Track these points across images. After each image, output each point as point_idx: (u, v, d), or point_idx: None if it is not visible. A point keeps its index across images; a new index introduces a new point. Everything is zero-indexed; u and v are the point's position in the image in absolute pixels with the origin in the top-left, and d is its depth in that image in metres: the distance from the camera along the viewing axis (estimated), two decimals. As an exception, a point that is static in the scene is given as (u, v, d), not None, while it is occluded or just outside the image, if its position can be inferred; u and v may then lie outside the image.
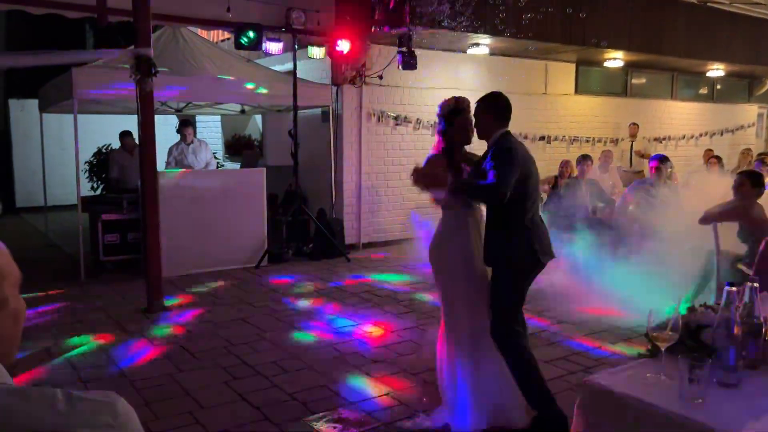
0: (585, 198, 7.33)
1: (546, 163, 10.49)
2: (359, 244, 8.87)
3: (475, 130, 3.51)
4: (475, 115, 3.49)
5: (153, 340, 4.97)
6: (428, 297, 6.28)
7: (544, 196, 8.06)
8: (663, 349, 2.09)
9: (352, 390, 3.99)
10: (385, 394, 3.94)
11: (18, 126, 12.73)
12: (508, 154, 3.25)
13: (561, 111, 11.13)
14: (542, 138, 10.83)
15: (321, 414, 3.64)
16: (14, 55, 4.99)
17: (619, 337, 5.05)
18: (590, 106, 11.53)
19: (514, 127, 3.42)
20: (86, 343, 4.89)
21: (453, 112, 3.51)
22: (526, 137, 10.56)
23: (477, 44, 8.97)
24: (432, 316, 5.62)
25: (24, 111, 12.44)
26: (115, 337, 5.04)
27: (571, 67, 11.19)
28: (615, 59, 10.83)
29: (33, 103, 9.71)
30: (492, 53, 9.60)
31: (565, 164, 8.24)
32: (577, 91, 11.33)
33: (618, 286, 5.52)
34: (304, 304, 6.07)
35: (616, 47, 10.00)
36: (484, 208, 3.50)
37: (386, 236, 9.16)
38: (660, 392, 1.97)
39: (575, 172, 7.87)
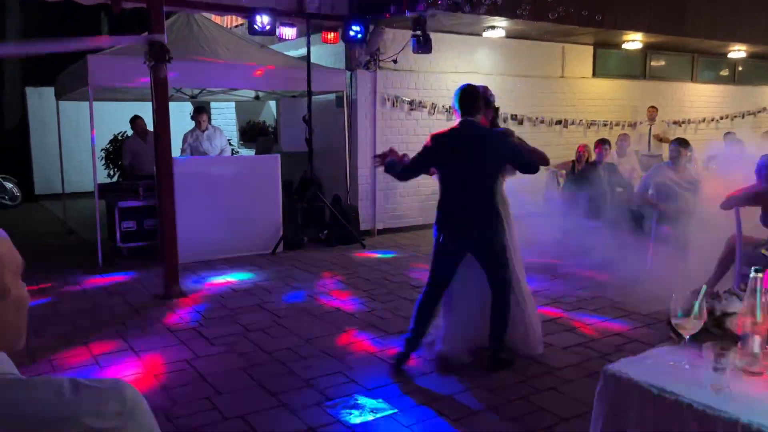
0: (603, 183, 7.23)
1: (562, 147, 10.39)
2: (374, 230, 8.85)
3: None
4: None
5: (170, 327, 5.00)
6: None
7: (560, 180, 7.98)
8: (686, 337, 2.04)
9: (369, 376, 3.98)
10: (403, 381, 3.93)
11: (35, 114, 12.82)
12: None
13: (578, 94, 10.97)
14: (559, 122, 10.69)
15: (338, 400, 3.64)
16: (26, 43, 4.97)
17: (641, 322, 5.00)
18: (608, 89, 11.35)
19: (532, 110, 3.66)
20: (103, 329, 4.93)
21: None
22: (542, 121, 10.46)
23: (493, 27, 8.83)
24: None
25: (41, 99, 12.51)
26: (132, 323, 5.08)
27: (589, 50, 11.00)
28: (634, 41, 10.62)
29: (50, 91, 9.76)
30: (508, 36, 9.45)
31: (582, 148, 8.13)
32: (594, 74, 11.15)
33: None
34: (319, 289, 6.07)
35: (636, 29, 9.81)
36: None
37: (401, 222, 9.13)
38: (683, 381, 1.93)
39: (592, 157, 7.76)
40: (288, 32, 7.57)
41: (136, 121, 8.39)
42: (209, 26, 8.47)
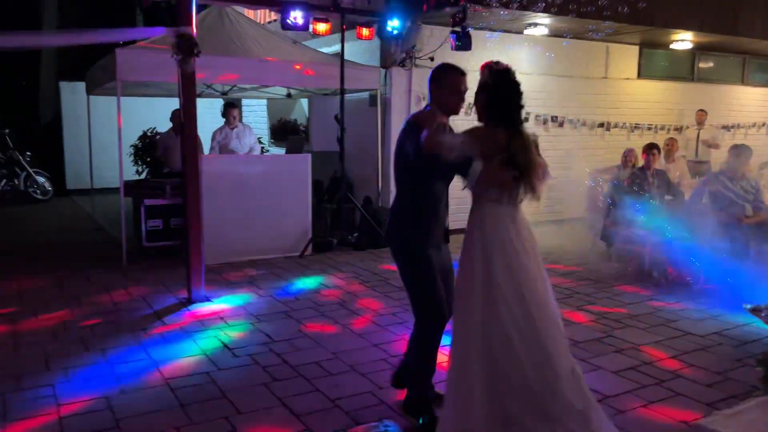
0: (652, 189, 6.79)
1: (605, 151, 9.95)
2: (406, 234, 8.52)
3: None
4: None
5: (192, 335, 4.75)
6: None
7: (605, 186, 7.55)
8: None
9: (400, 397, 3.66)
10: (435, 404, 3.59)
11: (69, 108, 12.80)
12: None
13: (622, 96, 10.49)
14: (601, 125, 10.24)
15: (366, 425, 3.33)
16: (42, 35, 4.77)
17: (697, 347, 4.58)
18: (654, 91, 10.83)
19: (573, 112, 3.06)
20: (122, 335, 4.71)
21: None
22: (584, 123, 10.02)
23: (535, 24, 8.44)
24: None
25: (75, 94, 12.47)
26: (153, 329, 4.85)
27: (634, 50, 10.51)
28: (683, 41, 10.11)
29: (83, 86, 9.67)
30: (550, 34, 9.04)
31: (628, 153, 7.70)
32: (640, 75, 10.65)
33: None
34: (348, 297, 5.77)
35: (686, 27, 9.30)
36: None
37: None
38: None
39: (639, 162, 7.32)
40: (321, 28, 7.28)
41: (175, 113, 8.21)
42: (241, 21, 8.26)
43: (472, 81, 9.67)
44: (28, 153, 12.26)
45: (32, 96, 15.13)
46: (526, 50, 9.30)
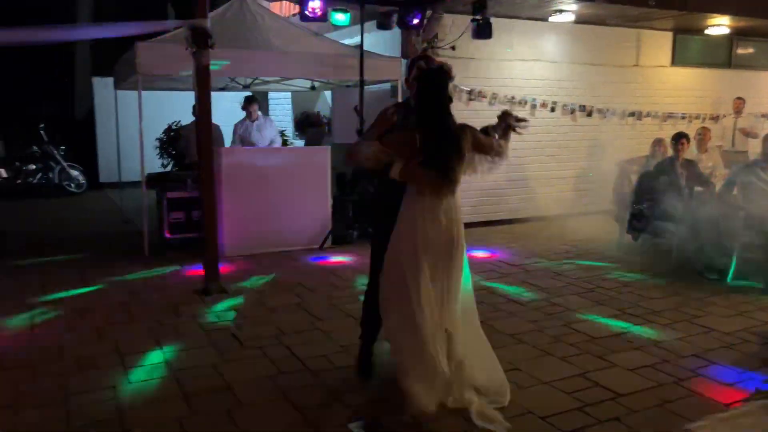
0: (680, 180, 6.55)
1: (636, 141, 9.64)
2: (428, 226, 8.42)
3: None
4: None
5: (203, 325, 4.77)
6: (502, 286, 5.79)
7: (633, 177, 7.31)
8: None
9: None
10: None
11: (101, 103, 13.04)
12: None
13: (655, 84, 10.16)
14: (632, 114, 9.93)
15: (365, 420, 3.27)
16: (47, 30, 4.81)
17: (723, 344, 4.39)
18: (688, 79, 10.46)
19: (602, 101, 2.98)
20: (137, 325, 4.75)
21: None
22: (613, 113, 9.73)
23: (560, 11, 8.21)
24: (499, 308, 5.15)
25: (106, 88, 12.69)
26: (166, 320, 4.88)
27: (668, 36, 10.16)
28: (719, 26, 9.71)
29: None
30: (577, 21, 8.79)
31: (657, 143, 7.46)
32: (673, 63, 10.30)
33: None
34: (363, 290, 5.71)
35: (723, 11, 8.94)
36: None
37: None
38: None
39: (669, 152, 7.07)
40: (341, 18, 7.22)
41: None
42: (263, 14, 8.24)
43: (492, 70, 9.47)
44: (63, 147, 12.56)
45: (67, 91, 15.49)
46: (552, 38, 9.08)
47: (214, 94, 10.35)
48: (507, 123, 3.52)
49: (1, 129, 8.64)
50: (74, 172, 12.47)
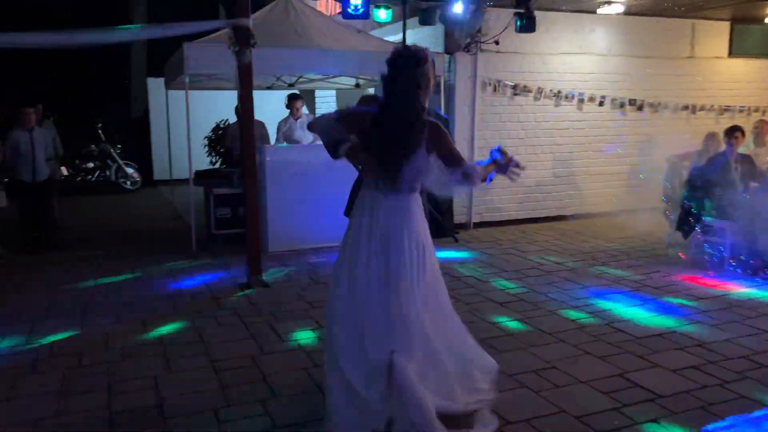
0: (734, 176, 6.28)
1: (689, 135, 9.28)
2: (470, 223, 8.36)
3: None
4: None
5: (244, 318, 4.87)
6: (544, 282, 5.70)
7: (684, 173, 7.06)
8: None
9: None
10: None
11: (156, 103, 13.47)
12: None
13: (710, 76, 9.77)
14: (686, 107, 9.58)
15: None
16: (96, 32, 4.99)
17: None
18: (746, 71, 10.02)
19: (653, 95, 2.72)
20: (180, 316, 4.90)
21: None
22: (665, 107, 9.42)
23: (609, 2, 7.99)
24: (540, 306, 5.06)
25: (160, 89, 13.12)
26: (208, 312, 5.01)
27: (725, 26, 9.75)
28: (780, 14, 9.27)
29: (165, 81, 10.12)
30: (627, 12, 8.54)
31: (710, 137, 7.17)
32: (731, 54, 9.88)
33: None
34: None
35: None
36: None
37: (500, 216, 8.57)
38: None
39: (722, 146, 6.79)
40: (383, 14, 7.23)
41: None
42: (307, 12, 8.33)
43: (537, 64, 9.32)
44: (119, 146, 13.05)
45: (124, 91, 16.08)
46: (601, 30, 8.85)
47: (262, 93, 10.57)
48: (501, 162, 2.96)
49: (61, 128, 9.11)
50: (130, 170, 12.94)
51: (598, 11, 8.32)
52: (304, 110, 8.49)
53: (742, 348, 4.17)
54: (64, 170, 12.36)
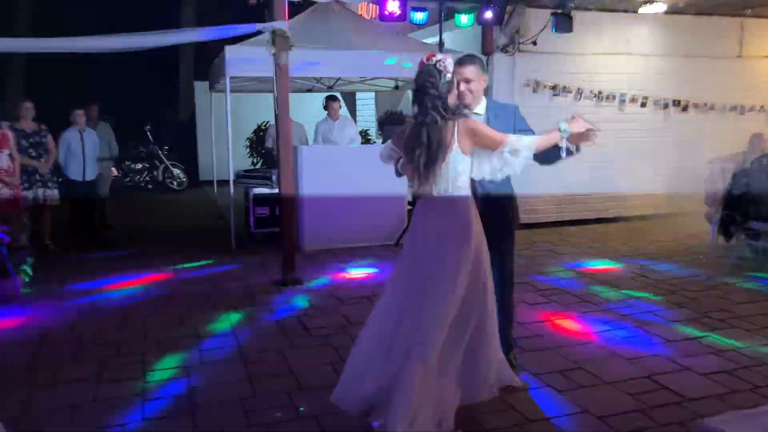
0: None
1: (739, 136, 9.00)
2: (506, 224, 8.31)
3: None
4: (467, 78, 3.35)
5: (277, 314, 5.00)
6: (582, 284, 5.64)
7: (728, 175, 6.86)
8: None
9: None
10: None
11: (201, 106, 13.87)
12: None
13: (761, 76, 9.46)
14: (733, 108, 9.29)
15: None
16: (131, 36, 5.19)
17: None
18: (798, 70, 9.65)
19: (699, 95, 2.67)
20: (216, 311, 5.06)
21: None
22: (713, 107, 9.16)
23: (651, 1, 7.83)
24: (571, 307, 5.01)
25: (206, 92, 13.52)
26: (243, 308, 5.15)
27: (776, 24, 9.43)
28: (836, 10, 8.90)
29: (210, 84, 10.40)
30: (670, 11, 8.35)
31: (755, 138, 6.96)
32: (782, 53, 9.54)
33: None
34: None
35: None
36: None
37: (538, 218, 8.48)
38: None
39: (768, 148, 6.59)
40: (419, 16, 7.29)
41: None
42: (347, 15, 8.47)
43: (578, 64, 9.15)
44: (166, 147, 13.48)
45: (172, 94, 16.57)
46: (643, 30, 8.68)
47: (303, 95, 10.76)
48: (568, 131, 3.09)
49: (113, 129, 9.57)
50: (176, 171, 13.35)
51: (640, 10, 8.17)
52: (343, 111, 8.62)
53: (780, 354, 4.05)
54: (114, 171, 12.90)
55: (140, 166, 13.20)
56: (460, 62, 3.34)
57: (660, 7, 8.02)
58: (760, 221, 6.03)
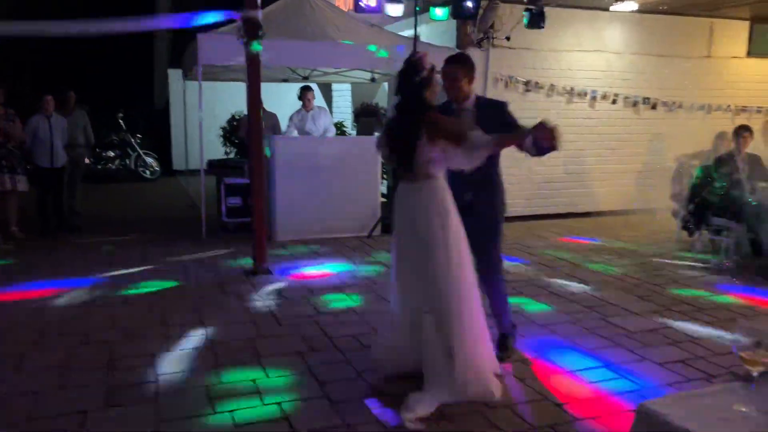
0: (741, 175, 6.25)
1: (706, 135, 9.22)
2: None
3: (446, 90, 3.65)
4: (453, 77, 3.59)
5: (246, 303, 5.01)
6: (545, 278, 5.74)
7: (693, 172, 7.04)
8: (756, 375, 1.53)
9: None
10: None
11: (176, 94, 13.71)
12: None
13: (728, 76, 9.68)
14: (702, 107, 9.49)
15: (385, 397, 3.37)
16: (102, 23, 5.14)
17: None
18: (765, 71, 9.89)
19: (668, 94, 2.83)
20: (184, 301, 5.05)
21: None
22: (681, 106, 9.35)
23: (622, -1, 7.97)
24: (537, 299, 5.11)
25: (180, 80, 13.36)
26: (212, 297, 5.15)
27: (744, 25, 9.64)
28: (801, 14, 9.14)
29: (186, 72, 10.29)
30: (641, 10, 8.49)
31: (720, 137, 7.13)
32: (750, 53, 9.77)
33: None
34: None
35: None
36: None
37: (509, 212, 8.57)
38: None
39: (732, 145, 6.75)
40: (394, 9, 7.31)
41: None
42: (323, 6, 8.43)
43: (550, 61, 9.27)
44: (139, 135, 13.31)
45: (146, 83, 16.35)
46: (616, 28, 8.83)
47: (278, 86, 10.68)
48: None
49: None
50: (149, 159, 13.19)
51: (611, 9, 8.29)
52: (318, 102, 8.61)
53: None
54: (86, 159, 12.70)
55: (112, 153, 13.02)
56: (447, 60, 3.65)
57: (630, 6, 8.15)
58: (722, 218, 6.19)
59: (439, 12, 7.56)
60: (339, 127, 11.23)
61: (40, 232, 7.49)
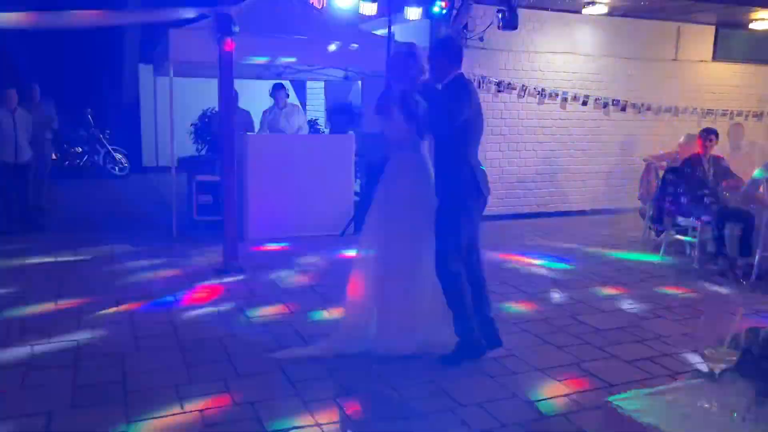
0: (706, 177, 6.39)
1: (671, 137, 9.42)
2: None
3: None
4: (430, 58, 3.88)
5: (216, 301, 4.96)
6: (516, 274, 5.80)
7: (660, 173, 7.18)
8: (717, 373, 1.57)
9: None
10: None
11: (146, 90, 13.50)
12: (464, 90, 3.78)
13: (694, 80, 9.89)
14: (669, 110, 9.70)
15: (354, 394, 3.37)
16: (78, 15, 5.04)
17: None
18: (730, 75, 10.14)
19: (636, 96, 3.02)
20: (153, 299, 4.98)
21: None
22: (649, 108, 9.53)
23: (593, 2, 8.08)
24: (509, 297, 5.16)
25: (151, 75, 13.15)
26: (183, 294, 5.09)
27: (710, 30, 9.87)
28: (764, 20, 9.37)
29: (156, 68, 10.14)
30: (611, 13, 8.63)
31: (687, 138, 7.27)
32: (715, 58, 9.99)
33: None
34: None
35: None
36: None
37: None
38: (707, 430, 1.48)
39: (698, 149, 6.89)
40: (368, 8, 7.30)
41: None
42: (296, 3, 8.37)
43: (522, 62, 9.29)
44: (108, 131, 13.06)
45: (115, 77, 16.04)
46: (587, 31, 8.95)
47: (251, 83, 10.58)
48: None
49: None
50: (118, 156, 12.95)
51: (583, 11, 8.41)
52: (291, 100, 8.56)
53: (696, 342, 4.28)
54: (51, 154, 12.42)
55: (80, 149, 12.76)
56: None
57: (600, 9, 8.28)
58: (687, 217, 6.32)
59: (413, 12, 7.58)
60: (312, 125, 11.18)
61: (2, 229, 7.30)
